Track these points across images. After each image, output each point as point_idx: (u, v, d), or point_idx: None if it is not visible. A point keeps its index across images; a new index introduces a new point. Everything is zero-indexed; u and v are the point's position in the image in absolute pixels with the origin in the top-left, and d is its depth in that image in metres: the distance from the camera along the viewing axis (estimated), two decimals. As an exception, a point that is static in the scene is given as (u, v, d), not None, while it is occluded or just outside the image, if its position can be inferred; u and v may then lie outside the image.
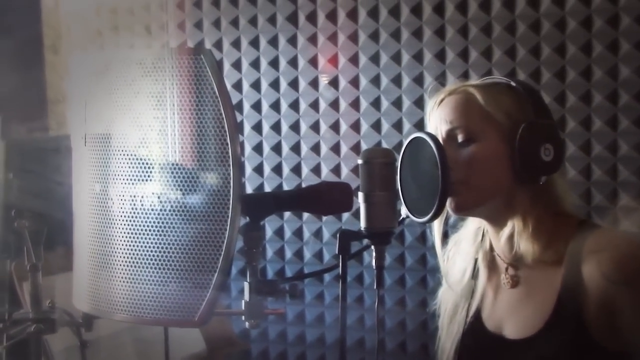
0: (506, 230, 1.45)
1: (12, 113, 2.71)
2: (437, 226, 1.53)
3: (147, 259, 1.06)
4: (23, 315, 1.23)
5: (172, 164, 1.03)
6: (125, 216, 1.08)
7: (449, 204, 1.41)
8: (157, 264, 1.05)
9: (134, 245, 1.07)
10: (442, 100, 1.46)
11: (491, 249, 1.53)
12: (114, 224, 1.10)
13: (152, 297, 1.06)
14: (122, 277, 1.09)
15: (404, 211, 1.37)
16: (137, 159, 1.05)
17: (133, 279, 1.08)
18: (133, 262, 1.07)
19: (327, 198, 1.19)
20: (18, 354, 1.32)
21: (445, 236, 1.61)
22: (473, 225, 1.57)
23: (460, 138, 1.42)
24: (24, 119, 2.78)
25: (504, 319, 1.48)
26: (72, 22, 3.08)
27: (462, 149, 1.41)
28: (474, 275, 1.55)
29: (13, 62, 2.80)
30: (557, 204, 1.44)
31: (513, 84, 1.45)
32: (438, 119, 1.45)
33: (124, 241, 1.08)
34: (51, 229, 1.28)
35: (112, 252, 1.10)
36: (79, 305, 1.17)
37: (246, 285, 1.18)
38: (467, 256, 1.57)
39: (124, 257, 1.09)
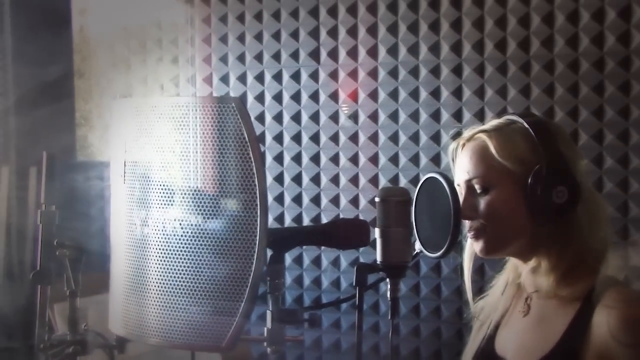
0: (529, 265, 1.52)
1: (45, 138, 2.83)
2: (466, 265, 1.59)
3: (178, 288, 1.15)
4: (61, 338, 1.33)
5: (205, 201, 1.12)
6: (158, 247, 1.17)
7: (477, 247, 1.49)
8: (188, 293, 1.14)
9: (166, 275, 1.16)
10: (463, 146, 1.53)
11: (520, 276, 1.60)
12: (148, 254, 1.19)
13: (183, 323, 1.15)
14: (154, 304, 1.18)
15: (417, 246, 1.45)
16: (173, 195, 1.15)
17: (165, 305, 1.17)
18: (165, 290, 1.16)
19: (345, 235, 1.27)
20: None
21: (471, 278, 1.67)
22: None
23: (477, 188, 1.48)
24: (54, 143, 2.89)
25: (511, 344, 1.54)
26: (98, 48, 3.20)
27: (481, 197, 1.48)
28: (504, 291, 1.62)
29: (46, 86, 2.90)
30: (579, 240, 1.47)
31: (526, 125, 1.47)
32: (459, 168, 1.52)
33: (157, 270, 1.18)
34: (88, 257, 1.38)
35: (146, 280, 1.19)
36: (115, 329, 1.27)
37: (268, 314, 1.26)
38: (504, 277, 1.63)
39: (156, 285, 1.18)
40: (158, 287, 1.17)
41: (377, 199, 1.31)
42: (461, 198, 1.49)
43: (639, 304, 1.43)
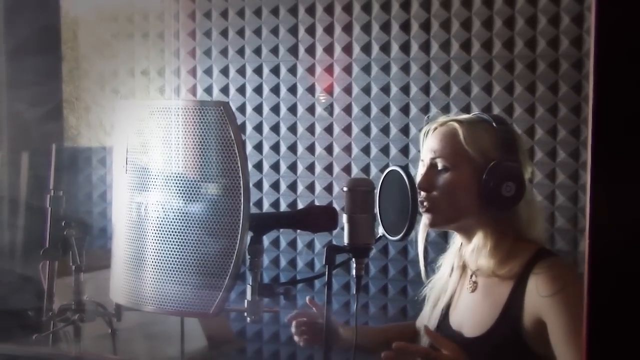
0: (471, 245, 1.75)
1: (34, 124, 2.97)
2: (420, 236, 1.83)
3: (173, 264, 1.34)
4: (67, 307, 1.51)
5: (196, 190, 1.31)
6: (155, 229, 1.36)
7: (426, 219, 1.71)
8: (181, 268, 1.33)
9: (162, 252, 1.35)
10: (434, 129, 1.75)
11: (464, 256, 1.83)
12: (146, 234, 1.38)
13: (176, 294, 1.34)
14: (151, 277, 1.37)
15: (380, 231, 1.65)
16: (168, 184, 1.34)
17: (161, 279, 1.36)
18: (161, 266, 1.35)
19: (316, 220, 1.47)
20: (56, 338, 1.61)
21: (425, 250, 1.90)
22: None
23: (439, 166, 1.71)
24: (43, 127, 3.03)
25: (464, 319, 1.77)
26: (80, 31, 3.31)
27: (440, 175, 1.71)
28: (451, 274, 1.85)
29: (35, 71, 3.02)
30: (518, 229, 1.71)
31: (495, 124, 1.71)
32: (427, 147, 1.75)
33: (154, 249, 1.37)
34: (91, 236, 1.57)
35: (144, 256, 1.38)
36: (115, 298, 1.45)
37: (249, 288, 1.46)
38: (450, 258, 1.88)
39: (153, 261, 1.37)
40: (155, 263, 1.36)
41: (345, 189, 1.50)
42: (423, 172, 1.72)
43: (562, 267, 1.65)
